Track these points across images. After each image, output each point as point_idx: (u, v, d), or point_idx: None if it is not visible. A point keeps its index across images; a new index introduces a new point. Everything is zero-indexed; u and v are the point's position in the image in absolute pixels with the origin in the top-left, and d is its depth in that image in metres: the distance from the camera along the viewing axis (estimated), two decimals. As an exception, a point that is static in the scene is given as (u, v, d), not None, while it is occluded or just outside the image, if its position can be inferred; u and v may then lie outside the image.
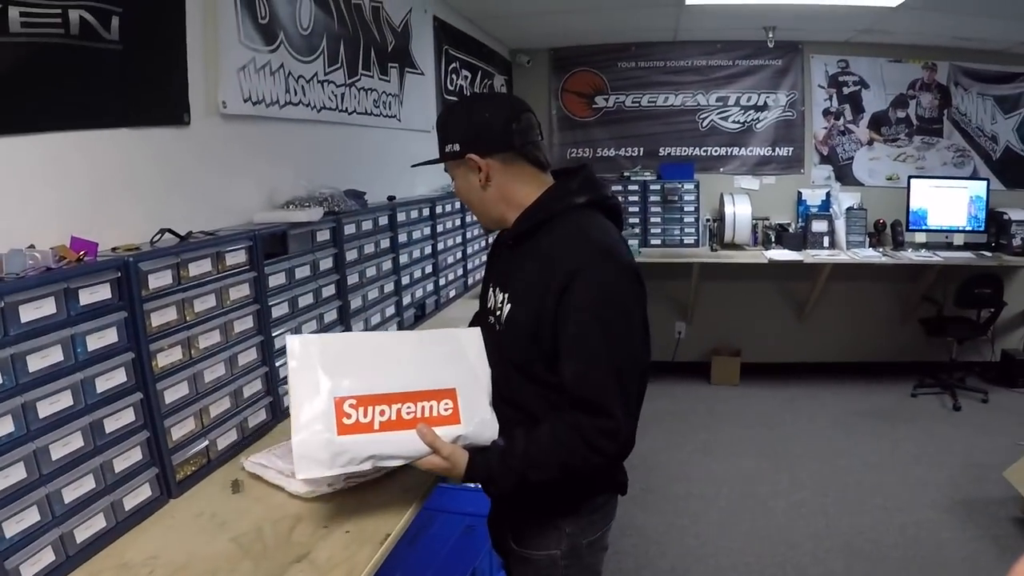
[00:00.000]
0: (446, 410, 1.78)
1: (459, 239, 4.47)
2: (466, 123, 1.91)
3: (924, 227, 6.31)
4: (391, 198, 3.56)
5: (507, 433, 1.82)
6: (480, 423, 1.81)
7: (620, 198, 6.40)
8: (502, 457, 1.78)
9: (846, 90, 6.66)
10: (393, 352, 1.86)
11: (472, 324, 2.18)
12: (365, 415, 1.72)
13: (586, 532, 1.98)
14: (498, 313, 1.93)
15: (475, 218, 2.09)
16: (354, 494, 1.94)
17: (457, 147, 1.88)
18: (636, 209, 6.65)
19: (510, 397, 1.88)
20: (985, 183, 6.33)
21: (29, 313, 1.54)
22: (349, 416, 1.71)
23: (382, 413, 1.73)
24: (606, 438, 1.73)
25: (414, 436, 1.73)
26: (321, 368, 1.74)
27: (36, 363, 1.56)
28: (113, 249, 1.91)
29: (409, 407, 1.75)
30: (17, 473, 1.50)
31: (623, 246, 1.89)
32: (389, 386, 1.76)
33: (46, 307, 1.58)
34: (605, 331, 1.74)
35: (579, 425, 1.74)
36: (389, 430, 1.73)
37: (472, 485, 1.94)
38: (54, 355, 1.60)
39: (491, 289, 2.02)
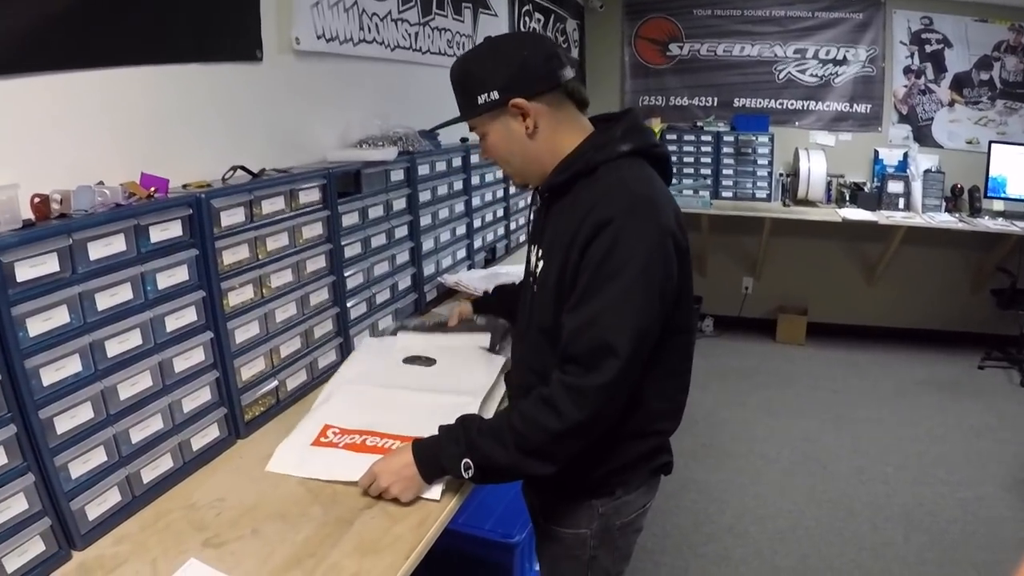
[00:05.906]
0: None
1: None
2: (500, 65, 1.66)
3: (1003, 195, 6.02)
4: (464, 139, 3.48)
5: None
6: None
7: (692, 148, 6.38)
8: (447, 429, 1.69)
9: (928, 48, 6.34)
10: (401, 401, 2.04)
11: (517, 288, 2.14)
12: (338, 438, 1.88)
13: (620, 513, 1.84)
14: (535, 273, 1.78)
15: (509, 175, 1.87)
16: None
17: (496, 94, 1.65)
18: (709, 160, 6.50)
19: (539, 368, 1.70)
20: (1069, 153, 6.02)
21: (98, 250, 1.51)
22: (327, 437, 1.88)
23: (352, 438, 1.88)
24: (569, 394, 1.54)
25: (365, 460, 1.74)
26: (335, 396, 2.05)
27: (105, 301, 1.53)
28: (184, 186, 1.88)
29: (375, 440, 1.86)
30: (84, 413, 1.49)
31: (666, 201, 1.65)
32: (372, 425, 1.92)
33: (116, 244, 1.55)
34: (615, 287, 1.53)
35: (551, 383, 1.59)
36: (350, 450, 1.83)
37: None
38: (123, 293, 1.58)
39: (531, 247, 1.87)
